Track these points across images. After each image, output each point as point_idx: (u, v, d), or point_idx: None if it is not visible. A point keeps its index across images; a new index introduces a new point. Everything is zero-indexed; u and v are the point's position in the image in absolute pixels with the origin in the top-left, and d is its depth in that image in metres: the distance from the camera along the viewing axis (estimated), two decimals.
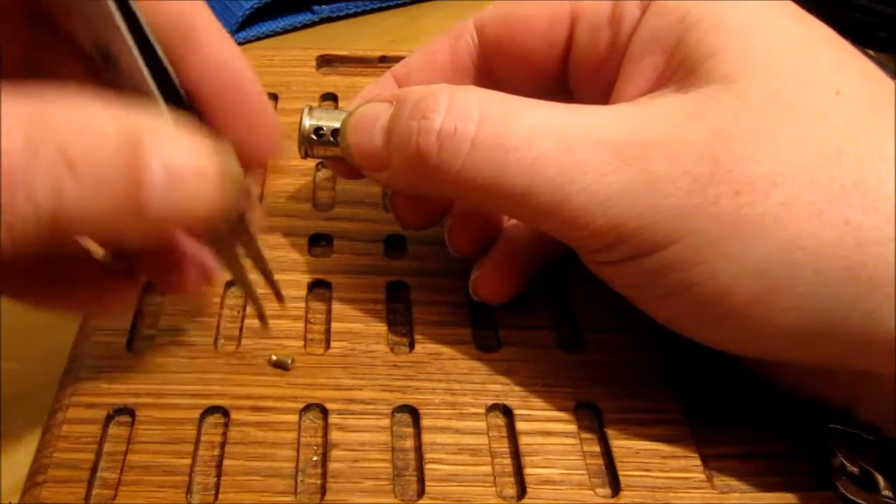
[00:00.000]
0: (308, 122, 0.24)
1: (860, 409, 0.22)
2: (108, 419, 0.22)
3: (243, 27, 0.42)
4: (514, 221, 0.26)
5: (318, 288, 0.26)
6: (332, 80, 0.35)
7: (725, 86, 0.19)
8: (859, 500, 0.20)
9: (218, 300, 0.25)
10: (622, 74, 0.22)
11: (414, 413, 0.23)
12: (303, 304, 0.25)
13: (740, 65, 0.19)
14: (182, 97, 0.19)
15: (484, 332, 0.25)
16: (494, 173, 0.20)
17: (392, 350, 0.24)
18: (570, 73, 0.24)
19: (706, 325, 0.20)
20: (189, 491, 0.21)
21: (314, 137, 0.24)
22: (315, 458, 0.22)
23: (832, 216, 0.18)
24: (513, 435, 0.22)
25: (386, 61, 0.36)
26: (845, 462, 0.21)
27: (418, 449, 0.22)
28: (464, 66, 0.25)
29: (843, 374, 0.21)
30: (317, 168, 0.31)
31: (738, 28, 0.20)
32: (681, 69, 0.20)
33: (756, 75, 0.19)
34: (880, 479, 0.21)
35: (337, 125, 0.24)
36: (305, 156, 0.25)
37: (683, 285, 0.19)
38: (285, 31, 0.44)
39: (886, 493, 0.20)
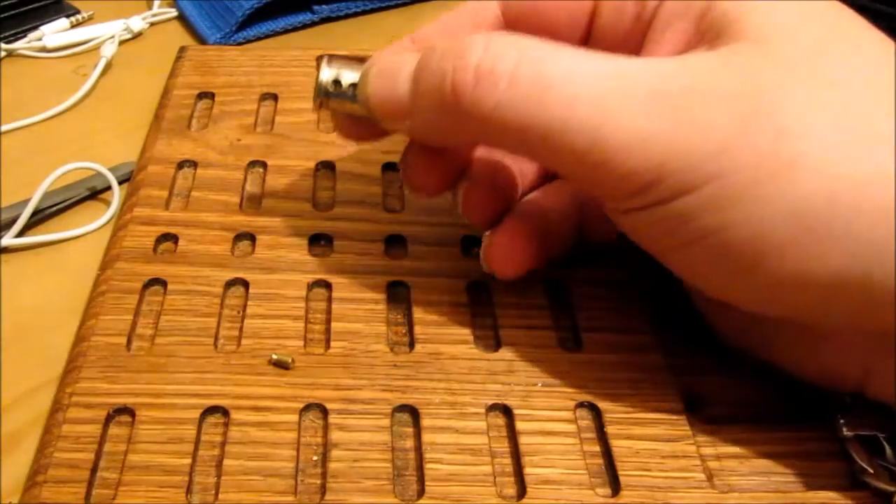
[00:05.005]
0: (327, 73, 0.23)
1: (874, 383, 0.21)
2: (108, 419, 0.22)
3: (243, 27, 0.42)
4: (528, 197, 0.26)
5: (318, 288, 0.26)
6: None
7: (756, 45, 0.19)
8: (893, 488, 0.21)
9: (218, 300, 0.25)
10: (647, 43, 0.22)
11: (414, 413, 0.23)
12: (303, 304, 0.25)
13: (769, 27, 0.20)
14: None
15: (484, 332, 0.25)
16: (531, 109, 0.20)
17: (392, 350, 0.24)
18: (593, 48, 0.24)
19: (730, 276, 0.20)
20: (189, 491, 0.21)
21: (331, 90, 0.23)
22: (315, 458, 0.22)
23: (867, 162, 0.18)
24: (513, 435, 0.22)
25: None
26: (867, 467, 0.21)
27: (418, 449, 0.22)
28: None
29: (860, 344, 0.21)
30: (316, 168, 0.31)
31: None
32: (708, 34, 0.20)
33: (785, 34, 0.19)
34: None
35: (356, 79, 0.23)
36: (320, 107, 0.24)
37: (713, 229, 0.19)
38: (285, 31, 0.44)
39: None
